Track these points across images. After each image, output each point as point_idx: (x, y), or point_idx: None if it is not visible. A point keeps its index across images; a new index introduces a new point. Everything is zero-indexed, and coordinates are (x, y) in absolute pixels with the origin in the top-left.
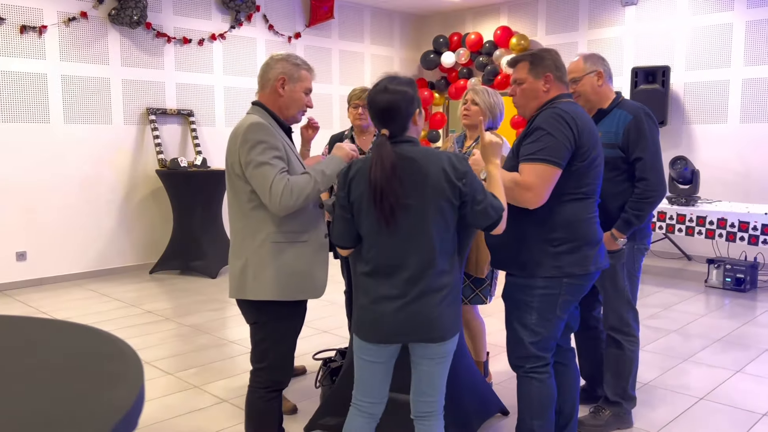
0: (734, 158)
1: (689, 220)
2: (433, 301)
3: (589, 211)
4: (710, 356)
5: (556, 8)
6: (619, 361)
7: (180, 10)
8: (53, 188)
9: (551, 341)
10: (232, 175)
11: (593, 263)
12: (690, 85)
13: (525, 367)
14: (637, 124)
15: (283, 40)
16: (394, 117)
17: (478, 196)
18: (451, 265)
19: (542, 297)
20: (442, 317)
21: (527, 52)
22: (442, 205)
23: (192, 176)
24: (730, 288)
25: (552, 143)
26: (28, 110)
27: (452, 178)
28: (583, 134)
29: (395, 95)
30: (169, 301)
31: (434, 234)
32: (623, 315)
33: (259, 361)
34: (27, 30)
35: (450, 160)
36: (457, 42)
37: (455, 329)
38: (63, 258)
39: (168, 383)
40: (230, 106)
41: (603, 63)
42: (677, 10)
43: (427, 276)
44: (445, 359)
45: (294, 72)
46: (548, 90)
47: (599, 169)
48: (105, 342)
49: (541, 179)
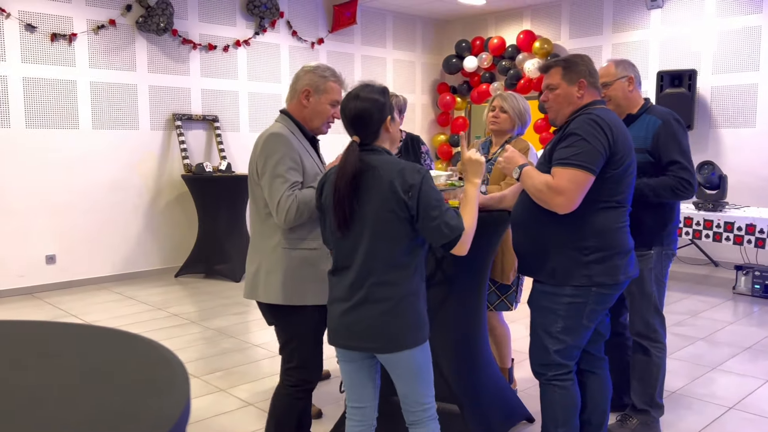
0: (763, 163)
1: (716, 226)
2: (373, 312)
3: (620, 220)
4: (739, 365)
5: (580, 12)
6: (646, 368)
7: (205, 17)
8: (82, 193)
9: (575, 350)
10: (252, 181)
11: (623, 273)
12: (717, 89)
13: (547, 374)
14: (667, 129)
15: (306, 46)
16: (365, 124)
17: (431, 212)
18: (400, 278)
19: (569, 306)
20: (383, 328)
21: (560, 58)
22: (387, 216)
23: (217, 181)
24: (759, 295)
25: (587, 149)
26: (57, 116)
27: (398, 189)
28: (618, 141)
29: (365, 102)
30: (194, 305)
31: (377, 244)
32: (650, 321)
33: (288, 361)
34: (57, 38)
35: (402, 171)
36: (479, 46)
37: (405, 343)
38: (91, 261)
39: (195, 386)
40: (254, 111)
41: (634, 69)
42: (704, 13)
43: (367, 285)
44: (408, 372)
45: (320, 84)
46: (582, 96)
47: (632, 178)
48: (150, 350)
49: (574, 184)
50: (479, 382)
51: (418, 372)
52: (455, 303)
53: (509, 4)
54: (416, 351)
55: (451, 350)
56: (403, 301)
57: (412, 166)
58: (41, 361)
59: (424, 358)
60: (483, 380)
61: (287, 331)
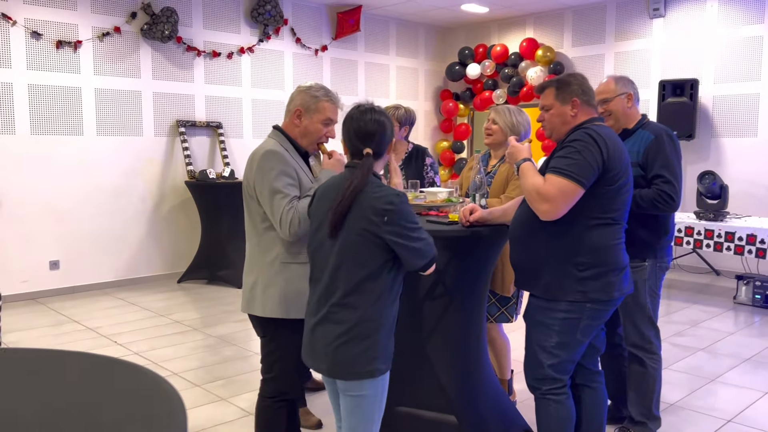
0: (764, 172)
1: (717, 236)
2: (330, 333)
3: (616, 237)
4: (738, 376)
5: (583, 20)
6: (642, 380)
7: (210, 24)
8: (86, 198)
9: (569, 364)
10: (247, 195)
11: (617, 289)
12: (719, 99)
13: (542, 389)
14: (658, 144)
15: (310, 53)
16: (379, 140)
17: (410, 233)
18: (361, 303)
19: (564, 321)
20: (336, 354)
21: (553, 79)
22: (357, 239)
23: (220, 187)
24: (760, 305)
25: (580, 161)
26: (62, 123)
27: (374, 212)
28: (614, 158)
29: (381, 122)
30: (197, 311)
31: (343, 264)
32: (644, 332)
33: (267, 372)
34: (63, 45)
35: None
36: (482, 54)
37: (354, 372)
38: (94, 267)
39: (195, 395)
40: (258, 118)
41: (633, 85)
42: (706, 23)
43: (329, 304)
44: (356, 401)
45: (311, 104)
46: (576, 114)
47: (628, 195)
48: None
49: (562, 193)
50: (478, 393)
51: (360, 405)
52: (455, 314)
53: (512, 11)
54: (366, 383)
55: (450, 361)
56: (360, 327)
57: (391, 191)
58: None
59: (374, 393)
60: (481, 391)
61: (274, 342)
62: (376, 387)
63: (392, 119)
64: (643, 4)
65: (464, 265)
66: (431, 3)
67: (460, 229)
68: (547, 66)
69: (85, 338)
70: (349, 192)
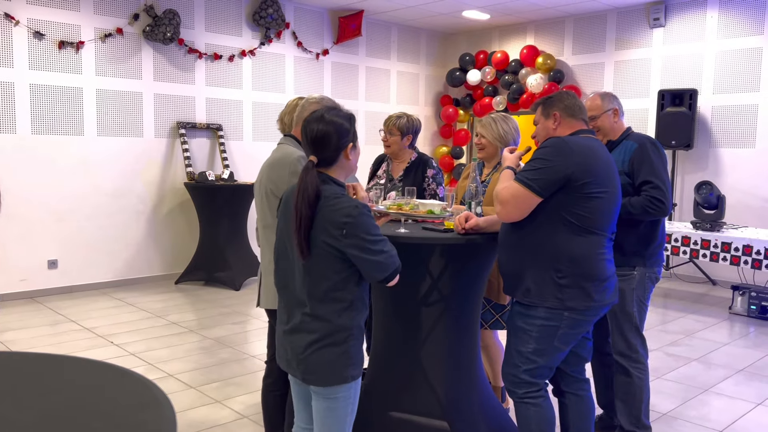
0: (762, 183)
1: (714, 246)
2: (301, 342)
3: (597, 248)
4: (732, 387)
5: (583, 28)
6: (629, 390)
7: (211, 27)
8: (85, 198)
9: (546, 370)
10: (271, 199)
11: (597, 300)
12: (717, 109)
13: (518, 392)
14: (642, 151)
15: (311, 57)
16: (326, 146)
17: (370, 246)
18: (331, 313)
19: (542, 328)
20: (309, 361)
21: (546, 96)
22: (318, 251)
23: (219, 189)
24: (755, 316)
25: (540, 168)
26: (63, 123)
27: (333, 224)
28: (585, 168)
29: (329, 126)
30: (194, 313)
31: (309, 276)
32: (631, 341)
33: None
34: (65, 45)
35: (339, 207)
36: (483, 60)
37: (333, 379)
38: (92, 267)
39: (191, 397)
40: (258, 121)
41: (617, 101)
42: (705, 33)
43: (300, 313)
44: (330, 404)
45: None
46: (556, 127)
47: (613, 206)
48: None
49: (513, 198)
50: (470, 399)
51: (330, 411)
52: (449, 321)
53: (513, 19)
54: (339, 388)
55: (443, 367)
56: (331, 336)
57: (351, 203)
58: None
59: (346, 396)
60: (474, 398)
61: None
62: (348, 391)
63: (393, 128)
64: (644, 13)
65: (459, 273)
66: (433, 9)
67: (454, 236)
68: (547, 73)
69: (82, 338)
70: (299, 203)
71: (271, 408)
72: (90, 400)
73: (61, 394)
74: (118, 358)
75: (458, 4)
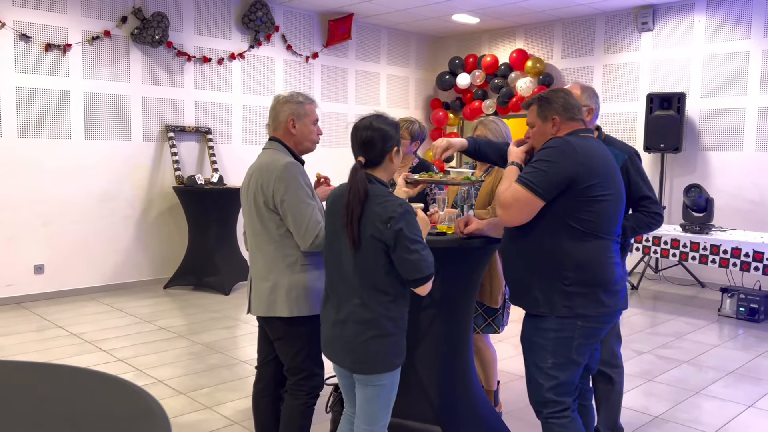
0: (749, 186)
1: (703, 249)
2: (350, 331)
3: (604, 252)
4: (723, 389)
5: (572, 32)
6: (612, 397)
7: (200, 29)
8: (72, 203)
9: (570, 386)
10: (260, 205)
11: (608, 305)
12: (705, 112)
13: (543, 412)
14: (634, 164)
15: (301, 60)
16: (373, 149)
17: (409, 245)
18: (379, 304)
19: (556, 340)
20: (362, 350)
21: (536, 96)
22: (368, 243)
23: (208, 193)
24: (744, 318)
25: (543, 170)
26: (50, 126)
27: (379, 218)
28: (592, 168)
29: (376, 132)
30: (183, 318)
31: (359, 267)
32: (614, 348)
33: (299, 372)
34: (52, 48)
35: (386, 202)
36: (472, 64)
37: (381, 367)
38: (80, 271)
39: (181, 403)
40: (247, 124)
41: (597, 100)
42: (694, 37)
43: (350, 305)
44: (376, 390)
45: (299, 110)
46: (556, 132)
47: (618, 209)
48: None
49: (516, 201)
50: (463, 403)
51: (376, 397)
52: (442, 326)
53: (503, 23)
54: (384, 375)
55: (436, 372)
56: (379, 327)
57: (398, 201)
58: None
59: (391, 383)
60: (467, 402)
61: (299, 341)
62: (392, 378)
63: (405, 132)
64: (632, 17)
65: (452, 276)
66: (423, 13)
67: (448, 239)
68: (537, 77)
69: (69, 344)
70: (351, 199)
71: (262, 414)
72: (84, 411)
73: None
74: (107, 364)
75: (448, 8)
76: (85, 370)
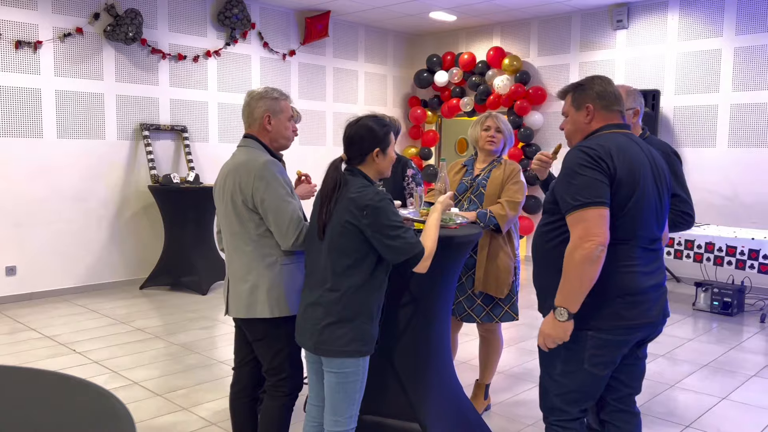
0: (722, 182)
1: (678, 244)
2: (320, 313)
3: (621, 260)
4: (698, 382)
5: (548, 30)
6: None
7: (175, 27)
8: (45, 203)
9: (579, 395)
10: (238, 205)
11: (627, 317)
12: (679, 109)
13: (550, 418)
14: (670, 163)
15: (278, 58)
16: (353, 147)
17: (389, 231)
18: (350, 289)
19: (567, 349)
20: (322, 333)
21: (575, 82)
22: (340, 230)
23: (184, 192)
24: (718, 312)
25: (584, 182)
26: (21, 125)
27: (355, 206)
28: (619, 169)
29: (361, 129)
30: (159, 318)
31: (332, 254)
32: None
33: (278, 373)
34: (22, 45)
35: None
36: (450, 61)
37: (342, 351)
38: (53, 273)
39: (157, 405)
40: (224, 122)
41: (641, 100)
42: (667, 35)
43: (322, 288)
44: (338, 378)
45: (275, 106)
46: (590, 121)
47: (640, 211)
48: (99, 399)
49: (592, 223)
50: (442, 401)
51: (343, 383)
52: (420, 322)
53: (479, 20)
54: (347, 362)
55: (414, 370)
56: (344, 311)
57: (375, 191)
58: None
59: (355, 372)
60: (446, 400)
61: (278, 342)
62: (356, 366)
63: None
64: (607, 15)
65: (429, 273)
66: (400, 10)
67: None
68: (514, 75)
69: (42, 346)
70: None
71: (240, 415)
72: (44, 414)
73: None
74: (81, 366)
75: (425, 6)
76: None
